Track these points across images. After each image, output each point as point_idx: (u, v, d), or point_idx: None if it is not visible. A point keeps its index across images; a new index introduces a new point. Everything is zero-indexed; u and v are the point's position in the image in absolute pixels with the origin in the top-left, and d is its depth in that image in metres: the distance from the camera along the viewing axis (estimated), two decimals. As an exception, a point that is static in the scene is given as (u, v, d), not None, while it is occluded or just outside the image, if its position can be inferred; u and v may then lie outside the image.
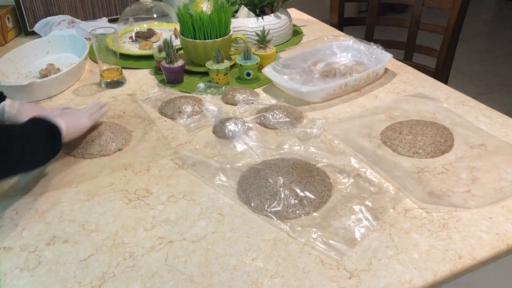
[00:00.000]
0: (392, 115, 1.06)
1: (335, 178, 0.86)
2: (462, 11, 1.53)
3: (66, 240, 0.76)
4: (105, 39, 1.17)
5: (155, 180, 0.88)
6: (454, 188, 0.83)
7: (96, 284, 0.67)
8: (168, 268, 0.70)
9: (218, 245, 0.73)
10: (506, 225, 0.75)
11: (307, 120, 1.05)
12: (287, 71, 1.22)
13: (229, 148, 0.96)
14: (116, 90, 1.23)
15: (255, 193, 0.82)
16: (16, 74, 1.29)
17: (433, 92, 1.15)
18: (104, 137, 0.99)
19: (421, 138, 0.94)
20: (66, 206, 0.83)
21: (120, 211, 0.81)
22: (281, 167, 0.86)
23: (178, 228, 0.77)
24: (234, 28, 1.37)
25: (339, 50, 1.33)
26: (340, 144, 0.97)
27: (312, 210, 0.79)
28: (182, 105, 1.10)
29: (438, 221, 0.76)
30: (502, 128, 1.00)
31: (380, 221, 0.76)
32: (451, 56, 1.61)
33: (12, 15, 1.59)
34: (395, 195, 0.82)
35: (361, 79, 1.16)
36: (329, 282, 0.66)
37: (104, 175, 0.90)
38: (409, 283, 0.66)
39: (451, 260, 0.69)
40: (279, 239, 0.74)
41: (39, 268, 0.71)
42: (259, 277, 0.68)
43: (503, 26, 3.98)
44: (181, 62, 1.23)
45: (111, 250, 0.73)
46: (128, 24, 1.56)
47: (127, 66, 1.35)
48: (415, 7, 1.64)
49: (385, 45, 1.30)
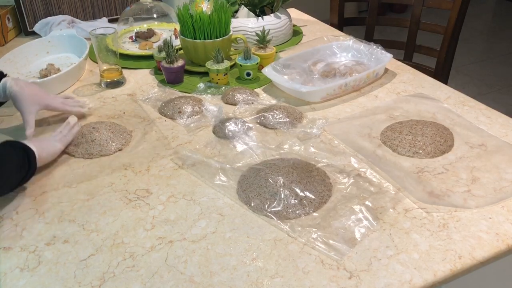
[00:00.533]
0: (392, 115, 1.06)
1: (335, 178, 0.86)
2: (462, 11, 1.53)
3: (66, 240, 0.76)
4: (105, 39, 1.17)
5: (155, 180, 0.88)
6: (454, 188, 0.83)
7: (96, 284, 0.67)
8: (168, 268, 0.70)
9: (218, 245, 0.73)
10: (506, 225, 0.75)
11: (307, 120, 1.05)
12: (287, 71, 1.22)
13: (229, 148, 0.96)
14: (116, 90, 1.23)
15: (255, 193, 0.82)
16: (16, 74, 1.29)
17: (433, 92, 1.15)
18: (104, 137, 0.99)
19: (421, 138, 0.94)
20: (66, 206, 0.83)
21: (120, 211, 0.81)
22: (281, 167, 0.86)
23: (178, 228, 0.77)
24: (234, 28, 1.37)
25: (339, 50, 1.33)
26: (340, 144, 0.97)
27: (312, 210, 0.79)
28: (182, 105, 1.10)
29: (438, 221, 0.76)
30: (502, 128, 1.00)
31: (380, 221, 0.76)
32: (451, 56, 1.61)
33: (12, 15, 1.59)
34: (395, 195, 0.82)
35: (361, 79, 1.16)
36: (329, 282, 0.66)
37: (104, 175, 0.90)
38: (409, 283, 0.66)
39: (451, 260, 0.69)
40: (279, 239, 0.74)
41: (39, 268, 0.71)
42: (259, 277, 0.68)
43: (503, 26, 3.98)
44: (181, 62, 1.23)
45: (111, 250, 0.73)
46: (128, 24, 1.56)
47: (127, 66, 1.35)
48: (415, 7, 1.64)
49: (385, 45, 1.30)
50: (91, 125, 1.02)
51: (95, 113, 1.12)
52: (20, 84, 1.01)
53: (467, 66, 3.26)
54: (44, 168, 0.92)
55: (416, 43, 1.68)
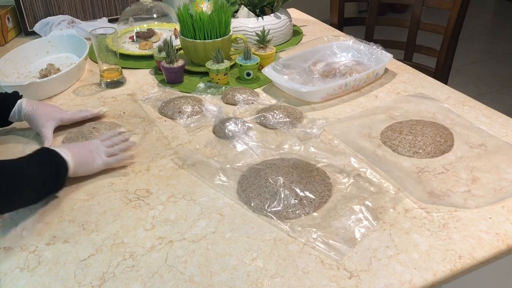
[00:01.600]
0: (392, 115, 1.06)
1: (335, 178, 0.86)
2: (462, 11, 1.53)
3: (66, 240, 0.76)
4: (105, 39, 1.17)
5: (155, 180, 0.88)
6: (454, 188, 0.83)
7: (96, 284, 0.67)
8: (168, 268, 0.70)
9: (218, 245, 0.73)
10: (506, 225, 0.75)
11: (307, 120, 1.05)
12: (287, 71, 1.22)
13: (229, 148, 0.96)
14: (116, 90, 1.23)
15: (255, 193, 0.82)
16: (16, 74, 1.29)
17: (433, 92, 1.15)
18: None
19: (421, 138, 0.94)
20: (66, 206, 0.83)
21: (120, 211, 0.81)
22: (281, 167, 0.86)
23: (178, 228, 0.77)
24: (234, 28, 1.37)
25: (339, 50, 1.33)
26: (340, 144, 0.97)
27: (312, 210, 0.79)
28: (182, 105, 1.10)
29: (438, 221, 0.76)
30: (502, 128, 1.00)
31: (380, 221, 0.76)
32: (451, 56, 1.61)
33: (12, 15, 1.59)
34: (395, 195, 0.82)
35: (361, 79, 1.16)
36: (329, 282, 0.66)
37: (104, 175, 0.90)
38: (409, 283, 0.66)
39: (451, 260, 0.69)
40: (279, 239, 0.74)
41: (39, 268, 0.71)
42: (259, 277, 0.68)
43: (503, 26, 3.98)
44: (181, 62, 1.23)
45: (111, 250, 0.73)
46: (128, 24, 1.56)
47: (127, 66, 1.35)
48: (415, 7, 1.64)
49: (385, 45, 1.30)
50: (91, 125, 1.02)
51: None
52: (32, 105, 1.00)
53: (467, 66, 3.26)
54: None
55: (416, 43, 1.68)
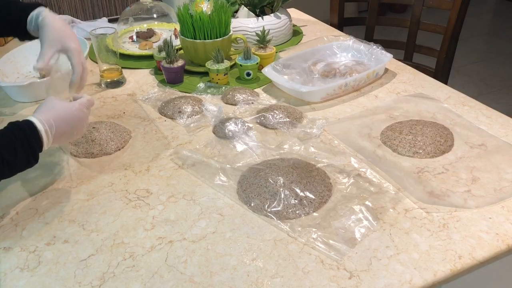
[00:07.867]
0: (392, 115, 1.06)
1: (335, 178, 0.86)
2: (462, 11, 1.53)
3: (66, 240, 0.76)
4: (105, 39, 1.17)
5: (155, 180, 0.88)
6: (454, 188, 0.83)
7: (96, 284, 0.67)
8: (168, 268, 0.70)
9: (218, 245, 0.73)
10: (506, 225, 0.75)
11: (307, 120, 1.05)
12: (287, 71, 1.22)
13: (229, 148, 0.96)
14: (116, 90, 1.23)
15: (255, 193, 0.82)
16: (16, 74, 1.29)
17: (433, 92, 1.15)
18: (104, 137, 0.99)
19: (421, 138, 0.94)
20: (66, 206, 0.83)
21: (120, 211, 0.81)
22: (281, 167, 0.86)
23: (178, 228, 0.77)
24: (234, 28, 1.37)
25: (339, 50, 1.33)
26: (340, 144, 0.97)
27: (312, 210, 0.79)
28: (182, 105, 1.10)
29: (438, 221, 0.76)
30: (502, 128, 1.00)
31: (380, 221, 0.76)
32: (451, 56, 1.61)
33: (12, 15, 1.59)
34: (395, 195, 0.82)
35: (361, 79, 1.16)
36: (329, 282, 0.66)
37: (104, 175, 0.90)
38: (409, 283, 0.66)
39: (451, 260, 0.69)
40: (279, 239, 0.74)
41: (39, 268, 0.71)
42: (259, 277, 0.68)
43: (503, 26, 3.98)
44: (181, 62, 1.23)
45: (111, 250, 0.73)
46: (128, 24, 1.56)
47: (127, 66, 1.35)
48: (415, 7, 1.64)
49: (385, 45, 1.30)
50: (91, 124, 1.02)
51: (95, 113, 1.12)
52: (53, 17, 0.94)
53: (467, 66, 3.26)
54: (44, 167, 0.92)
55: (416, 43, 1.68)
